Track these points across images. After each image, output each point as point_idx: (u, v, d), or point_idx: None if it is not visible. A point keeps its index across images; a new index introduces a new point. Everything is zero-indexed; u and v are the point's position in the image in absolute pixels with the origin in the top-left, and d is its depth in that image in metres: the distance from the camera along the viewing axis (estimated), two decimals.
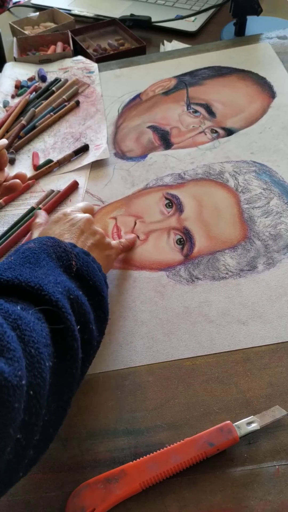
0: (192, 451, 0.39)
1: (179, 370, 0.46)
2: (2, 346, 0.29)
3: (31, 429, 0.31)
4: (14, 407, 0.28)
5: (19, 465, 0.31)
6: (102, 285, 0.44)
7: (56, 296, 0.36)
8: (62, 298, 0.36)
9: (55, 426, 0.35)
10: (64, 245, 0.43)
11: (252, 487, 0.38)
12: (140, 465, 0.39)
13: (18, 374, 0.28)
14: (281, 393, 0.43)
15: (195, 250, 0.56)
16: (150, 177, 0.67)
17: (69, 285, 0.39)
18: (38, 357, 0.31)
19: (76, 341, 0.36)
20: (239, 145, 0.69)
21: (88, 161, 0.69)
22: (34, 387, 0.30)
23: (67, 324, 0.35)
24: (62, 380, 0.35)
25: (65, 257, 0.42)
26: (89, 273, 0.42)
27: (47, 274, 0.38)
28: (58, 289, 0.37)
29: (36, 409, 0.31)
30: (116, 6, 1.09)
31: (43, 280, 0.37)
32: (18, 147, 0.74)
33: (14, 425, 0.28)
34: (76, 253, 0.43)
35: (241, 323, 0.49)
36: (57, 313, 0.35)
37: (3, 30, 1.00)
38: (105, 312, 0.43)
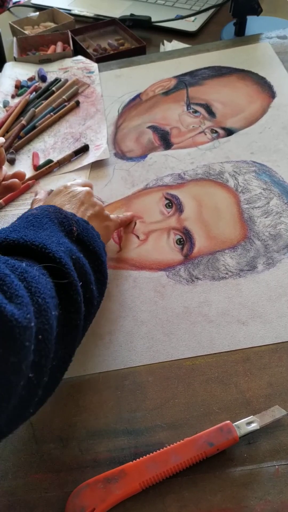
0: (192, 451, 0.39)
1: (179, 370, 0.46)
2: (11, 293, 0.31)
3: (41, 370, 0.33)
4: (25, 345, 0.30)
5: (30, 402, 0.34)
6: (102, 251, 0.46)
7: (59, 254, 0.38)
8: (65, 256, 0.39)
9: (61, 370, 0.38)
10: (65, 212, 0.46)
11: (251, 487, 0.38)
12: (140, 465, 0.39)
13: (27, 317, 0.30)
14: (281, 393, 0.43)
15: (195, 250, 0.56)
16: (150, 177, 0.67)
17: (71, 246, 0.41)
18: (45, 306, 0.34)
19: (79, 295, 0.38)
20: (239, 145, 0.69)
21: (88, 161, 0.69)
22: (43, 332, 0.33)
23: (70, 279, 0.38)
24: (67, 330, 0.38)
25: (66, 223, 0.44)
26: (89, 239, 0.44)
27: (50, 235, 0.41)
28: (61, 248, 0.39)
29: (45, 352, 0.33)
30: (116, 6, 1.09)
31: (47, 240, 0.39)
32: (18, 147, 0.74)
33: (26, 362, 0.31)
34: (76, 220, 0.45)
35: (241, 323, 0.49)
36: (61, 270, 0.38)
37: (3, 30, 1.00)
38: (105, 275, 0.46)
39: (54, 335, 0.35)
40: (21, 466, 0.41)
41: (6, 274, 0.32)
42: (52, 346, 0.34)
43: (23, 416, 0.34)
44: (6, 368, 0.29)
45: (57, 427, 0.43)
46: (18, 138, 0.76)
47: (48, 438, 0.43)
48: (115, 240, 0.59)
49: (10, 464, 0.41)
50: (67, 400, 0.45)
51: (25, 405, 0.33)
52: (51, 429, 0.43)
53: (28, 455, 0.42)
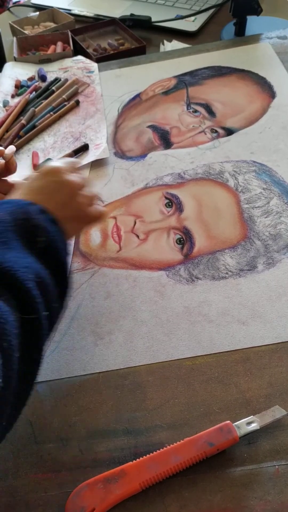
0: (192, 451, 0.39)
1: (179, 370, 0.46)
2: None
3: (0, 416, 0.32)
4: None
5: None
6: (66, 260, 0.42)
7: (28, 285, 0.36)
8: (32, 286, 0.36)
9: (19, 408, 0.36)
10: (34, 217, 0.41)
11: (251, 487, 0.38)
12: (140, 465, 0.39)
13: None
14: (281, 393, 0.43)
15: (195, 249, 0.56)
16: (150, 176, 0.66)
17: (36, 267, 0.38)
18: (10, 350, 0.32)
19: (42, 330, 0.37)
20: (239, 145, 0.69)
21: (88, 161, 0.69)
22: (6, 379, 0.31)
23: (37, 314, 0.36)
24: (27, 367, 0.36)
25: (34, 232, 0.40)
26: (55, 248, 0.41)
27: (17, 257, 0.38)
28: (28, 275, 0.37)
29: (6, 398, 0.32)
30: (116, 6, 1.08)
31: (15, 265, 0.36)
32: (18, 147, 0.74)
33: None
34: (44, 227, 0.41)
35: (241, 323, 0.49)
36: (28, 303, 0.36)
37: (3, 30, 0.99)
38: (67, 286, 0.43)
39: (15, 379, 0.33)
40: (21, 466, 0.41)
41: None
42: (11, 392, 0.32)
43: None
44: None
45: (57, 427, 0.43)
46: (18, 138, 0.76)
47: (48, 438, 0.43)
48: (114, 240, 0.59)
49: (10, 464, 0.41)
50: (67, 400, 0.45)
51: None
52: (51, 429, 0.43)
53: (28, 455, 0.42)
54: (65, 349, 0.49)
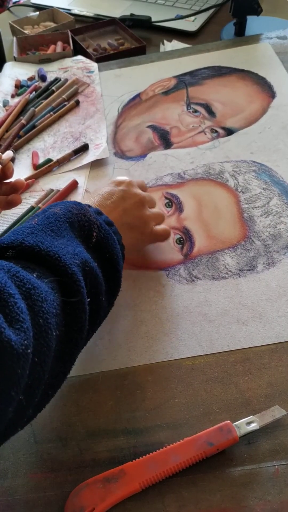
0: (192, 451, 0.39)
1: (179, 370, 0.46)
2: (11, 317, 0.30)
3: (33, 392, 0.32)
4: (17, 373, 0.29)
5: (19, 422, 0.33)
6: (119, 258, 0.44)
7: (73, 269, 0.37)
8: (77, 270, 0.38)
9: (54, 388, 0.37)
10: (89, 214, 0.44)
11: (251, 487, 0.38)
12: (140, 465, 0.39)
13: (24, 343, 0.30)
14: (281, 393, 0.43)
15: (195, 249, 0.56)
16: (149, 176, 0.66)
17: (85, 256, 0.40)
18: (46, 327, 0.33)
19: (85, 313, 0.38)
20: (239, 145, 0.69)
21: (88, 161, 0.69)
22: (40, 354, 0.32)
23: (79, 297, 0.37)
24: (67, 349, 0.37)
25: (87, 227, 0.43)
26: (107, 245, 0.43)
27: (66, 244, 0.40)
28: (75, 261, 0.38)
29: (39, 374, 0.32)
30: (116, 5, 1.09)
31: (62, 250, 0.38)
32: (17, 146, 0.74)
33: (16, 388, 0.30)
34: (99, 223, 0.44)
35: (241, 323, 0.49)
36: (71, 286, 0.37)
37: (3, 30, 0.99)
38: (118, 284, 0.45)
39: (51, 357, 0.34)
40: (20, 466, 0.41)
41: (11, 294, 0.31)
42: (48, 367, 0.34)
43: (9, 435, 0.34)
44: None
45: (57, 426, 0.43)
46: (17, 137, 0.76)
47: (47, 437, 0.43)
48: None
49: (9, 463, 0.41)
50: (66, 399, 0.45)
51: (13, 426, 0.33)
52: (51, 428, 0.43)
53: (27, 455, 0.42)
54: None
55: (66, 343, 0.36)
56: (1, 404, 0.29)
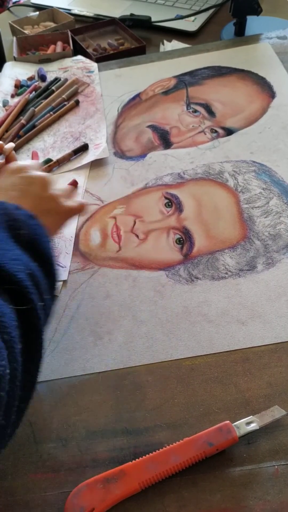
0: (191, 451, 0.39)
1: (179, 370, 0.46)
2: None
3: (10, 410, 0.32)
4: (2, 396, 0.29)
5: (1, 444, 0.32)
6: (51, 251, 0.42)
7: (20, 276, 0.35)
8: (24, 276, 0.36)
9: (27, 401, 0.36)
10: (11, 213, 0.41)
11: (251, 487, 0.38)
12: (139, 465, 0.39)
13: (2, 364, 0.29)
14: (280, 393, 0.43)
15: (195, 249, 0.56)
16: (149, 176, 0.66)
17: (25, 259, 0.38)
18: (12, 342, 0.32)
19: (40, 320, 0.36)
20: (239, 145, 0.69)
21: (88, 160, 0.69)
22: (12, 371, 0.31)
23: (32, 304, 0.35)
24: (31, 358, 0.35)
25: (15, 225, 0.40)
26: (38, 241, 0.41)
27: (5, 249, 0.37)
28: (18, 267, 0.36)
29: (14, 391, 0.31)
30: (116, 5, 1.08)
31: (3, 257, 0.36)
32: (17, 146, 0.74)
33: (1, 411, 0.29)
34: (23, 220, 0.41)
35: (241, 323, 0.49)
36: (22, 294, 0.35)
37: (3, 30, 0.99)
38: (55, 278, 0.43)
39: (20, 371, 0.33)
40: (20, 466, 0.41)
41: None
42: (20, 382, 0.32)
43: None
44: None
45: (57, 427, 0.43)
46: (17, 137, 0.76)
47: (47, 438, 0.43)
48: (114, 240, 0.59)
49: (9, 463, 0.41)
50: (66, 400, 0.45)
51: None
52: (51, 429, 0.43)
53: (27, 455, 0.42)
54: (65, 349, 0.49)
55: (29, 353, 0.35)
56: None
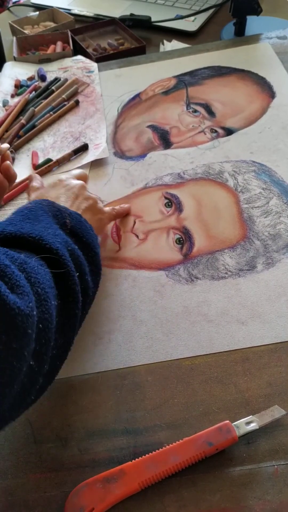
0: (191, 451, 0.39)
1: (178, 370, 0.46)
2: (12, 284, 0.32)
3: (42, 358, 0.34)
4: (27, 333, 0.31)
5: (31, 389, 0.35)
6: (95, 243, 0.47)
7: (56, 245, 0.39)
8: (61, 247, 0.40)
9: (61, 359, 0.39)
10: (58, 206, 0.47)
11: (251, 487, 0.38)
12: (139, 465, 0.39)
13: (29, 305, 0.32)
14: (280, 393, 0.43)
15: (194, 249, 0.56)
16: (149, 176, 0.66)
17: (66, 238, 0.42)
18: (45, 296, 0.35)
19: (76, 285, 0.39)
20: (239, 145, 0.69)
21: (88, 160, 0.69)
22: (43, 321, 0.34)
23: (67, 269, 0.39)
24: (66, 320, 0.39)
25: (60, 216, 0.45)
26: (82, 231, 0.45)
27: (46, 227, 0.42)
28: (57, 239, 0.40)
29: (46, 340, 0.34)
30: (116, 5, 1.09)
31: (43, 232, 0.40)
32: (17, 146, 0.74)
33: (28, 349, 0.32)
34: (69, 213, 0.46)
35: (240, 323, 0.49)
36: (58, 260, 0.39)
37: (3, 30, 1.00)
38: (98, 267, 0.47)
39: (54, 325, 0.36)
40: (20, 466, 0.41)
41: (7, 265, 0.32)
42: (52, 335, 0.35)
43: (25, 402, 0.35)
44: (9, 354, 0.30)
45: (56, 426, 0.43)
46: (17, 137, 0.76)
47: (47, 437, 0.43)
48: (114, 240, 0.59)
49: (9, 463, 0.41)
50: (66, 399, 0.45)
51: (27, 392, 0.34)
52: (50, 428, 0.43)
53: (27, 455, 0.42)
54: None
55: (64, 315, 0.38)
56: (17, 363, 0.31)
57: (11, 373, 0.30)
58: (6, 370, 0.30)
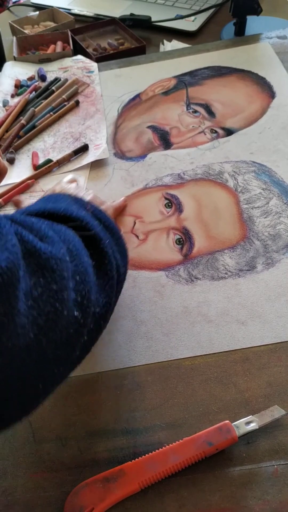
0: (191, 451, 0.39)
1: (178, 370, 0.46)
2: (41, 236, 0.32)
3: (85, 310, 0.34)
4: (63, 276, 0.31)
5: (78, 342, 0.34)
6: (116, 227, 0.47)
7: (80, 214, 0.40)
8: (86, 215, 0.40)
9: (105, 319, 0.39)
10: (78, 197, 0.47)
11: (250, 487, 0.38)
12: (139, 465, 0.39)
13: (61, 252, 0.32)
14: (280, 393, 0.43)
15: (194, 250, 0.56)
16: (149, 177, 0.67)
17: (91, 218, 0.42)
18: (76, 252, 0.35)
19: (107, 248, 0.40)
20: (239, 145, 0.69)
21: (88, 161, 0.69)
22: (79, 274, 0.34)
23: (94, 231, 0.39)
24: (105, 280, 0.39)
25: (80, 202, 0.46)
26: (103, 216, 0.45)
27: (70, 204, 0.42)
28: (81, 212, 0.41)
29: (85, 292, 0.34)
30: (116, 5, 1.09)
31: (67, 207, 0.41)
32: (17, 147, 0.74)
33: (68, 293, 0.32)
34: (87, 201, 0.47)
35: (240, 323, 0.49)
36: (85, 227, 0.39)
37: (3, 29, 0.99)
38: (125, 249, 0.46)
39: (91, 279, 0.36)
40: (20, 466, 0.41)
41: (34, 222, 0.33)
42: (92, 289, 0.35)
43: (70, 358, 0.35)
44: (50, 295, 0.30)
45: (56, 426, 0.43)
46: (17, 138, 0.76)
47: (47, 437, 0.43)
48: None
49: (9, 463, 0.41)
50: (66, 399, 0.45)
51: (72, 345, 0.34)
52: (50, 428, 0.43)
53: (27, 455, 0.42)
54: None
55: (102, 275, 0.39)
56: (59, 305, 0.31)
57: (54, 316, 0.30)
58: (49, 313, 0.30)
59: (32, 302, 0.29)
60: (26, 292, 0.29)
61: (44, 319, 0.29)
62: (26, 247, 0.30)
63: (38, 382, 0.31)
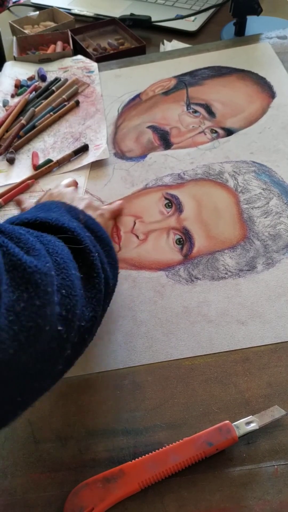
0: (191, 451, 0.39)
1: (178, 370, 0.46)
2: (27, 248, 0.32)
3: (69, 325, 0.34)
4: (47, 291, 0.31)
5: (61, 356, 0.34)
6: (109, 238, 0.47)
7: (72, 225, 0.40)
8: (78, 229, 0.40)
9: (90, 332, 0.39)
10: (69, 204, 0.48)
11: (250, 487, 0.38)
12: (139, 465, 0.39)
13: (46, 265, 0.32)
14: (280, 393, 0.43)
15: (195, 250, 0.56)
16: (149, 177, 0.67)
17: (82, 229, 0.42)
18: (64, 265, 0.35)
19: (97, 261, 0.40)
20: (239, 145, 0.69)
21: (88, 161, 0.69)
22: (65, 287, 0.34)
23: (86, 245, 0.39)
24: (93, 294, 0.39)
25: (73, 211, 0.46)
26: (95, 226, 0.46)
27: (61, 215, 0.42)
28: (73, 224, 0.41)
29: (71, 306, 0.34)
30: (116, 5, 1.09)
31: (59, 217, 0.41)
32: (17, 147, 0.74)
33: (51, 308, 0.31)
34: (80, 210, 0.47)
35: (240, 323, 0.49)
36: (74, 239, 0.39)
37: (3, 29, 0.99)
38: (115, 260, 0.46)
39: (78, 293, 0.35)
40: (20, 466, 0.41)
41: (21, 233, 0.33)
42: (77, 302, 0.35)
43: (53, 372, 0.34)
44: (32, 311, 0.30)
45: (56, 426, 0.43)
46: (17, 138, 0.76)
47: (47, 437, 0.43)
48: (114, 240, 0.59)
49: (9, 463, 0.41)
50: (66, 399, 0.45)
51: (55, 359, 0.34)
52: (50, 428, 0.43)
53: (27, 455, 0.42)
54: None
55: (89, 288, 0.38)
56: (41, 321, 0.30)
57: (35, 332, 0.30)
58: (31, 328, 0.29)
59: (14, 317, 0.28)
60: (8, 307, 0.28)
61: (25, 335, 0.29)
62: (11, 259, 0.30)
63: (16, 395, 0.31)
